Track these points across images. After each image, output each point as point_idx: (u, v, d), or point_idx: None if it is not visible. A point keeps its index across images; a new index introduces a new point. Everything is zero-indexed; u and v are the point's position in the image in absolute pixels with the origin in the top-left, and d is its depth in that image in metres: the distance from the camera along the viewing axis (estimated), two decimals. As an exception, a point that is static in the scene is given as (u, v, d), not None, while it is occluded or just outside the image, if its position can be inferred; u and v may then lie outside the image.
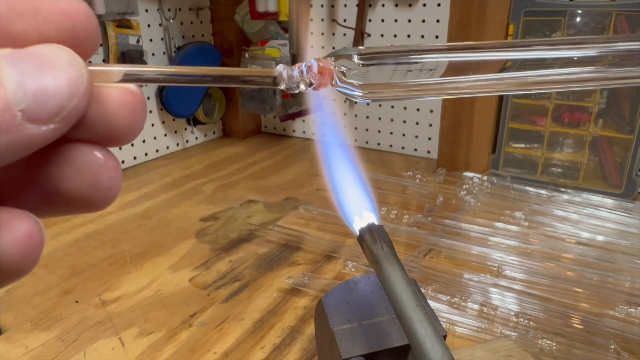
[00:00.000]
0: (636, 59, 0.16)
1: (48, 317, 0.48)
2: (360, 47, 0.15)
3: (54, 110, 0.11)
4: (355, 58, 0.15)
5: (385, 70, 0.15)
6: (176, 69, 0.13)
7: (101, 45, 0.82)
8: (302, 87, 0.15)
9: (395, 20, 0.90)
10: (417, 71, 0.16)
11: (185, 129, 1.02)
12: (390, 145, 0.99)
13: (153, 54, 0.91)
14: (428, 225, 0.65)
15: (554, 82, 0.17)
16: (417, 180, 0.79)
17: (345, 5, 0.94)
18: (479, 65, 0.16)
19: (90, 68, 0.12)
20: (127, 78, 0.12)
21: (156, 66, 0.13)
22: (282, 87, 0.15)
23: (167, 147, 0.98)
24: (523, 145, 0.80)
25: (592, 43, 0.16)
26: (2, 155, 0.10)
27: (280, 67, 0.15)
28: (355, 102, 0.99)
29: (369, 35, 0.93)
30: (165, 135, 0.98)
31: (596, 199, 0.71)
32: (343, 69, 0.15)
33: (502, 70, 0.16)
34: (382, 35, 0.92)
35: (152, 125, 0.95)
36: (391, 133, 0.98)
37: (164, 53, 0.93)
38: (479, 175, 0.78)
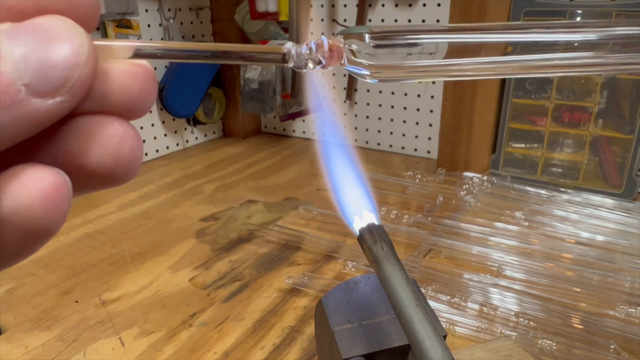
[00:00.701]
0: (636, 45, 0.16)
1: (48, 317, 0.48)
2: (372, 26, 0.15)
3: (58, 82, 0.10)
4: (367, 37, 0.15)
5: (393, 51, 0.15)
6: (179, 44, 0.13)
7: (101, 45, 0.82)
8: (311, 65, 0.15)
9: (395, 20, 0.90)
10: (419, 54, 0.16)
11: (185, 129, 1.02)
12: (390, 145, 0.99)
13: (153, 54, 0.91)
14: (428, 225, 0.65)
15: (555, 66, 0.16)
16: (417, 180, 0.79)
17: (345, 5, 0.94)
18: (480, 47, 0.16)
19: (95, 43, 0.11)
20: (137, 53, 0.12)
21: (159, 42, 0.13)
22: (291, 65, 0.15)
23: (167, 147, 0.99)
24: (523, 145, 0.80)
25: (593, 27, 0.16)
26: (11, 132, 0.10)
27: (289, 45, 0.15)
28: (355, 103, 0.99)
29: (369, 35, 0.93)
30: (165, 135, 0.98)
31: (596, 199, 0.71)
32: (353, 47, 0.15)
33: (504, 54, 0.16)
34: (382, 35, 0.92)
35: (152, 125, 0.95)
36: (391, 133, 0.98)
37: (164, 53, 0.93)
38: (479, 175, 0.78)
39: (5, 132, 0.10)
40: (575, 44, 0.16)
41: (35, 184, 0.11)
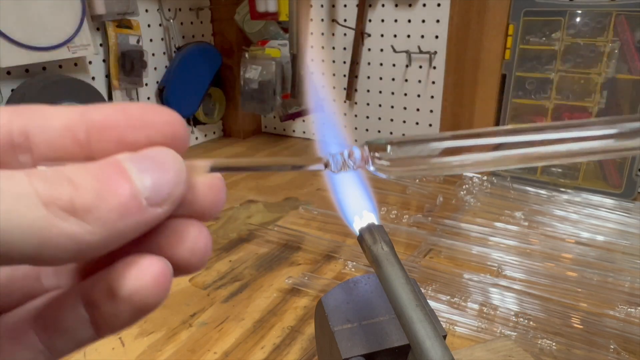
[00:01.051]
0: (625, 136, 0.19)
1: (48, 317, 0.48)
2: (392, 137, 0.18)
3: (166, 196, 0.14)
4: (389, 148, 0.18)
5: (408, 153, 0.19)
6: (249, 160, 0.17)
7: (101, 45, 0.82)
8: (342, 170, 0.19)
9: (395, 21, 0.90)
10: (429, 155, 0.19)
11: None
12: (390, 145, 0.99)
13: (153, 54, 0.91)
14: (428, 225, 0.65)
15: (553, 156, 0.19)
16: (417, 181, 0.79)
17: (345, 6, 0.94)
18: (484, 147, 0.19)
19: (186, 163, 0.15)
20: (213, 169, 0.16)
21: (230, 159, 0.17)
22: (333, 170, 0.18)
23: (167, 147, 0.98)
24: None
25: (574, 127, 0.19)
26: (134, 231, 0.14)
27: (328, 157, 0.18)
28: (355, 103, 0.99)
29: (369, 35, 0.93)
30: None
31: (596, 199, 0.71)
32: (377, 155, 0.18)
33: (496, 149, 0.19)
34: (382, 35, 0.92)
35: (152, 125, 0.95)
36: (391, 133, 0.98)
37: (164, 53, 0.93)
38: (479, 175, 0.78)
39: (131, 231, 0.14)
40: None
41: (149, 271, 0.14)
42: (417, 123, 0.94)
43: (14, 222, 0.12)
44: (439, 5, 0.86)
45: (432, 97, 0.91)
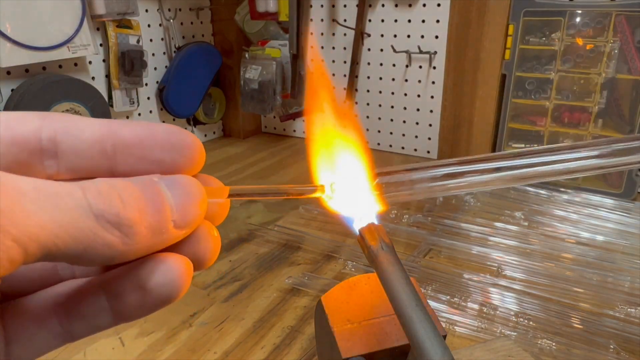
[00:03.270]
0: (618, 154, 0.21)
1: (48, 317, 0.48)
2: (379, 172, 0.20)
3: (189, 221, 0.16)
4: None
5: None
6: (261, 188, 0.20)
7: (101, 45, 0.82)
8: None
9: (395, 21, 0.90)
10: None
11: (186, 129, 1.02)
12: (390, 145, 0.99)
13: (153, 54, 0.91)
14: (428, 225, 0.65)
15: (542, 174, 0.21)
16: (417, 180, 0.79)
17: (345, 6, 0.94)
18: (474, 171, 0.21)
19: (208, 188, 0.17)
20: (231, 195, 0.18)
21: (248, 186, 0.19)
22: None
23: (167, 147, 0.98)
24: (523, 145, 0.80)
25: (565, 150, 0.20)
26: (158, 247, 0.16)
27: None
28: (355, 103, 0.99)
29: (369, 35, 0.93)
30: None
31: (596, 199, 0.71)
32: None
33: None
34: (382, 35, 0.92)
35: (152, 125, 0.95)
36: (391, 133, 0.98)
37: (164, 53, 0.93)
38: (479, 175, 0.78)
39: (156, 247, 0.16)
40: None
41: (177, 267, 0.16)
42: (417, 123, 0.94)
43: (68, 229, 0.13)
44: (439, 5, 0.86)
45: (432, 97, 0.91)
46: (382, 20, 0.91)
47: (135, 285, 0.16)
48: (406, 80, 0.93)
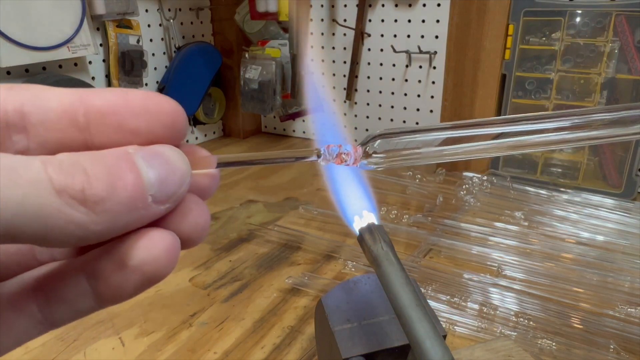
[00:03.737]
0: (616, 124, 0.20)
1: (48, 317, 0.48)
2: (381, 131, 0.19)
3: (170, 195, 0.15)
4: (377, 142, 0.19)
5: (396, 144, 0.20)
6: (249, 155, 0.19)
7: (101, 45, 0.82)
8: (335, 163, 0.20)
9: (395, 20, 0.90)
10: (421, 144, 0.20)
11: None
12: (390, 145, 0.99)
13: (153, 54, 0.91)
14: (428, 225, 0.65)
15: (540, 143, 0.20)
16: (417, 180, 0.79)
17: (345, 6, 0.94)
18: (474, 136, 0.20)
19: (195, 157, 0.16)
20: (219, 164, 0.17)
21: (235, 154, 0.18)
22: (321, 161, 0.19)
23: (167, 147, 0.98)
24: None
25: (571, 116, 0.20)
26: (135, 224, 0.14)
27: (323, 148, 0.19)
28: (355, 103, 0.99)
29: (369, 35, 0.93)
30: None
31: (596, 199, 0.71)
32: (367, 148, 0.19)
33: (495, 137, 0.20)
34: (382, 35, 0.92)
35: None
36: (391, 133, 0.98)
37: (164, 53, 0.93)
38: (479, 175, 0.78)
39: (133, 224, 0.14)
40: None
41: (161, 242, 0.15)
42: (417, 123, 0.94)
43: (26, 206, 0.12)
44: (439, 5, 0.86)
45: (432, 97, 0.91)
46: (382, 20, 0.91)
47: (117, 264, 0.15)
48: (406, 80, 0.93)
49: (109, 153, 0.14)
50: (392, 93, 0.95)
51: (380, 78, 0.95)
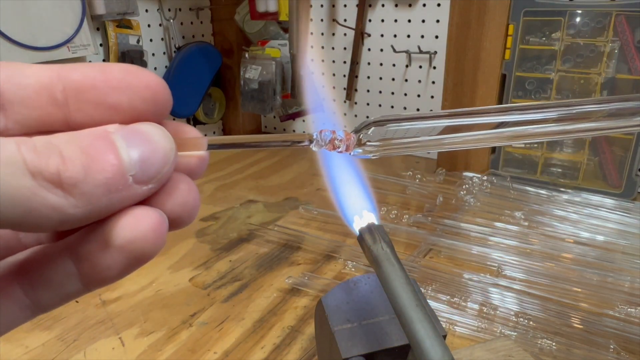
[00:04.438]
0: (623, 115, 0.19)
1: (48, 317, 0.48)
2: (375, 118, 0.19)
3: (153, 175, 0.14)
4: (371, 129, 0.19)
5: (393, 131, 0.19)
6: (240, 137, 0.18)
7: (101, 45, 0.82)
8: (325, 148, 0.19)
9: (395, 20, 0.90)
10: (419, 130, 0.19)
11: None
12: (390, 145, 0.99)
13: (153, 54, 0.91)
14: (428, 225, 0.65)
15: (538, 134, 0.20)
16: (417, 180, 0.79)
17: (345, 5, 0.94)
18: (473, 125, 0.20)
19: (184, 138, 0.16)
20: (210, 146, 0.16)
21: (226, 136, 0.17)
22: (314, 147, 0.19)
23: (167, 147, 0.98)
24: (523, 145, 0.80)
25: (566, 106, 0.19)
26: (117, 206, 0.14)
27: (315, 133, 0.19)
28: (355, 103, 0.99)
29: (369, 35, 0.93)
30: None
31: (596, 199, 0.71)
32: (361, 136, 0.19)
33: (494, 127, 0.20)
34: (382, 35, 0.92)
35: (152, 125, 0.95)
36: (391, 133, 0.98)
37: (164, 53, 0.93)
38: (479, 175, 0.78)
39: (115, 206, 0.14)
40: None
41: (146, 220, 0.14)
42: (417, 123, 0.94)
43: (1, 189, 0.12)
44: (439, 5, 0.86)
45: (432, 97, 0.91)
46: (382, 20, 0.91)
47: (102, 244, 0.14)
48: (406, 80, 0.93)
49: (87, 133, 0.13)
50: (392, 93, 0.95)
51: (380, 78, 0.95)
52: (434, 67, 0.89)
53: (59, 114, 0.14)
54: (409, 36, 0.90)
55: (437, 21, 0.86)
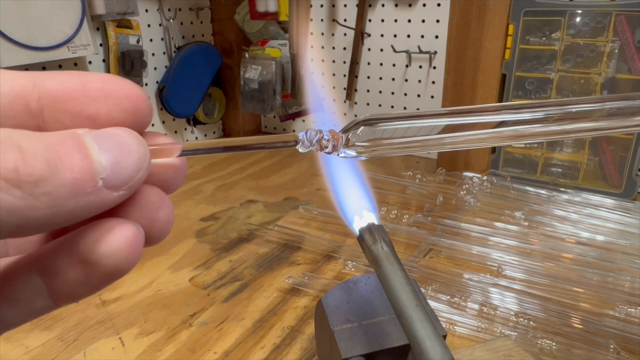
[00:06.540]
0: (623, 114, 0.19)
1: (48, 317, 0.48)
2: (365, 117, 0.18)
3: (125, 180, 0.13)
4: (360, 129, 0.18)
5: (386, 130, 0.18)
6: (219, 141, 0.17)
7: (101, 45, 0.82)
8: (315, 149, 0.19)
9: (395, 20, 0.90)
10: (418, 128, 0.19)
11: (185, 129, 1.02)
12: (390, 145, 0.99)
13: (153, 54, 0.91)
14: (428, 225, 0.65)
15: (540, 134, 0.19)
16: (417, 180, 0.79)
17: (345, 5, 0.94)
18: (473, 124, 0.19)
19: (150, 147, 0.14)
20: (184, 153, 0.15)
21: (203, 141, 0.16)
22: (300, 148, 0.18)
23: (167, 147, 0.98)
24: (523, 145, 0.80)
25: (563, 104, 0.19)
26: (84, 212, 0.13)
27: (301, 134, 0.18)
28: (355, 103, 0.99)
29: (369, 35, 0.93)
30: (165, 135, 0.97)
31: (596, 198, 0.71)
32: (349, 136, 0.18)
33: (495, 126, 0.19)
34: (382, 35, 0.92)
35: (152, 125, 0.95)
36: (391, 133, 0.98)
37: (164, 53, 0.93)
38: (479, 175, 0.78)
39: (81, 212, 0.13)
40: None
41: (122, 234, 0.13)
42: (417, 123, 0.94)
43: None
44: (439, 5, 0.86)
45: (432, 97, 0.91)
46: (382, 20, 0.91)
47: (75, 258, 0.13)
48: (406, 80, 0.93)
49: (54, 132, 0.12)
50: (392, 93, 0.95)
51: (380, 78, 0.95)
52: (434, 67, 0.89)
53: (34, 122, 0.13)
54: (409, 36, 0.90)
55: (437, 21, 0.86)
